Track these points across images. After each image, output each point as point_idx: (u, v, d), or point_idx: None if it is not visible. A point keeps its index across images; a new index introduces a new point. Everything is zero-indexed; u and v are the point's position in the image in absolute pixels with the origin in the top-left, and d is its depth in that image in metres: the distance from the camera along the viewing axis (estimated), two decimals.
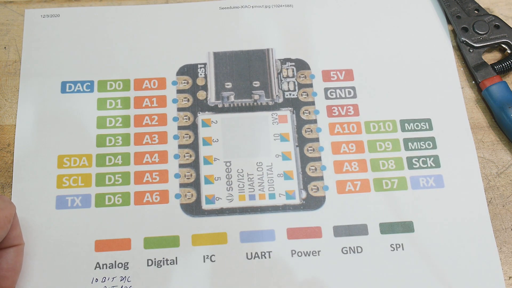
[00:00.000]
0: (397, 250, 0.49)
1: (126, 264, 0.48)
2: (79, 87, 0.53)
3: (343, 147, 0.52)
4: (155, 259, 0.48)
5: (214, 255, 0.48)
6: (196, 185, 0.50)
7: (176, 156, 0.51)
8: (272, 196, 0.50)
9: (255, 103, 0.53)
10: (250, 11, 0.57)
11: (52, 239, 0.48)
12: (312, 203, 0.50)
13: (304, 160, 0.51)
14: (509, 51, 0.56)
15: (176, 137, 0.52)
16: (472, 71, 0.55)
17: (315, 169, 0.51)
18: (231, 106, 0.53)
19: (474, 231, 0.49)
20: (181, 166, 0.51)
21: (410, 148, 0.52)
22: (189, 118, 0.53)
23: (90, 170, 0.50)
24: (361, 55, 0.55)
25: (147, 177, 0.50)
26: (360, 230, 0.49)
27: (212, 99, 0.53)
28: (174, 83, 0.54)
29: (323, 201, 0.50)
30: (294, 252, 0.48)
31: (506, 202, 0.51)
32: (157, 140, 0.52)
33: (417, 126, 0.53)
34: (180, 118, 0.53)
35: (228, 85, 0.54)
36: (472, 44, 0.55)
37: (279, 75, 0.54)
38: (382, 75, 0.55)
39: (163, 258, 0.48)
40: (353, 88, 0.54)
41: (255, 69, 0.55)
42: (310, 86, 0.54)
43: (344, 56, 0.55)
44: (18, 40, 0.55)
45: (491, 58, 0.56)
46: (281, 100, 0.54)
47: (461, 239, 0.49)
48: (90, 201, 0.49)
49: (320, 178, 0.51)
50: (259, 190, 0.50)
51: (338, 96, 0.54)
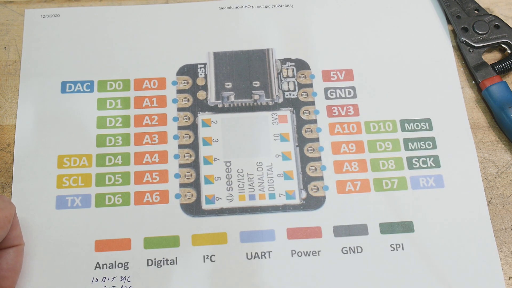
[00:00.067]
0: (397, 250, 0.49)
1: (126, 264, 0.48)
2: (79, 87, 0.53)
3: (343, 147, 0.52)
4: (155, 259, 0.48)
5: (214, 255, 0.48)
6: (196, 185, 0.50)
7: (176, 156, 0.51)
8: (272, 196, 0.50)
9: (255, 103, 0.53)
10: (250, 11, 0.57)
11: (52, 239, 0.48)
12: (312, 203, 0.50)
13: (304, 160, 0.51)
14: (509, 51, 0.56)
15: (176, 137, 0.52)
16: (472, 71, 0.55)
17: (315, 169, 0.51)
18: (231, 106, 0.53)
19: (474, 231, 0.49)
20: (181, 166, 0.51)
21: (410, 148, 0.52)
22: (189, 118, 0.53)
23: (90, 170, 0.50)
24: (361, 55, 0.55)
25: (147, 177, 0.50)
26: (360, 230, 0.49)
27: (212, 99, 0.53)
28: (174, 83, 0.54)
29: (323, 201, 0.50)
30: (294, 252, 0.48)
31: (506, 202, 0.51)
32: (157, 140, 0.52)
33: (417, 126, 0.53)
34: (180, 118, 0.53)
35: (228, 85, 0.54)
36: (472, 44, 0.55)
37: (279, 75, 0.54)
38: (382, 75, 0.55)
39: (163, 258, 0.48)
40: (353, 88, 0.54)
41: (255, 69, 0.55)
42: (310, 86, 0.54)
43: (344, 56, 0.55)
44: (18, 40, 0.55)
45: (491, 58, 0.56)
46: (281, 100, 0.54)
47: (461, 239, 0.49)
48: (90, 201, 0.49)
49: (320, 178, 0.51)
50: (259, 190, 0.50)
51: (338, 96, 0.54)
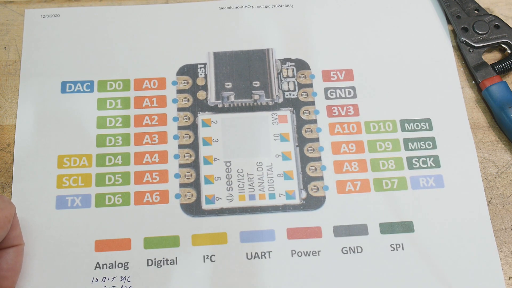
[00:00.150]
0: (397, 250, 0.49)
1: (126, 264, 0.48)
2: (79, 87, 0.53)
3: (343, 147, 0.52)
4: (155, 259, 0.48)
5: (214, 255, 0.48)
6: (196, 185, 0.50)
7: (176, 156, 0.51)
8: (272, 196, 0.50)
9: (255, 103, 0.53)
10: (250, 11, 0.57)
11: (52, 239, 0.48)
12: (312, 203, 0.50)
13: (304, 160, 0.51)
14: (509, 51, 0.56)
15: (176, 137, 0.52)
16: (472, 71, 0.55)
17: (315, 169, 0.51)
18: (231, 106, 0.53)
19: (474, 231, 0.49)
20: (181, 166, 0.51)
21: (410, 148, 0.52)
22: (189, 118, 0.53)
23: (90, 170, 0.50)
24: (361, 55, 0.55)
25: (147, 177, 0.50)
26: (360, 230, 0.49)
27: (212, 99, 0.53)
28: (174, 83, 0.54)
29: (323, 201, 0.50)
30: (294, 252, 0.48)
31: (506, 202, 0.51)
32: (157, 140, 0.52)
33: (417, 126, 0.53)
34: (180, 118, 0.53)
35: (228, 85, 0.54)
36: (472, 44, 0.55)
37: (279, 75, 0.54)
38: (382, 75, 0.55)
39: (163, 258, 0.48)
40: (353, 88, 0.54)
41: (255, 69, 0.55)
42: (310, 86, 0.54)
43: (344, 56, 0.55)
44: (18, 40, 0.55)
45: (491, 58, 0.56)
46: (281, 100, 0.54)
47: (461, 239, 0.49)
48: (90, 201, 0.49)
49: (320, 178, 0.51)
50: (259, 190, 0.50)
51: (338, 96, 0.54)
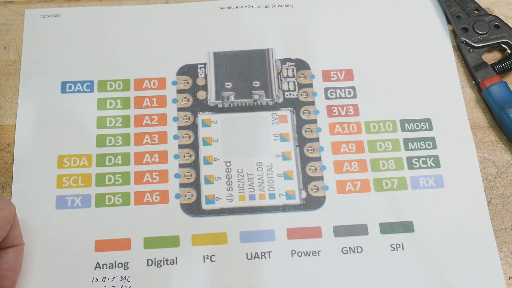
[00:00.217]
0: (397, 250, 0.49)
1: (126, 264, 0.48)
2: (79, 87, 0.53)
3: (343, 147, 0.52)
4: (155, 259, 0.48)
5: (214, 255, 0.48)
6: (196, 185, 0.50)
7: (176, 156, 0.51)
8: (272, 196, 0.50)
9: (255, 103, 0.53)
10: (250, 11, 0.57)
11: (52, 239, 0.48)
12: (312, 203, 0.50)
13: (304, 160, 0.51)
14: (509, 51, 0.56)
15: (176, 137, 0.52)
16: (472, 71, 0.55)
17: (315, 169, 0.51)
18: (231, 106, 0.53)
19: (474, 231, 0.49)
20: (181, 166, 0.51)
21: (410, 148, 0.52)
22: (189, 118, 0.53)
23: (90, 170, 0.50)
24: (361, 55, 0.55)
25: (147, 177, 0.50)
26: (360, 230, 0.49)
27: (212, 99, 0.53)
28: (174, 83, 0.54)
29: (323, 201, 0.50)
30: (294, 252, 0.48)
31: (506, 202, 0.51)
32: (157, 140, 0.52)
33: (417, 126, 0.53)
34: (180, 118, 0.53)
35: (228, 85, 0.54)
36: (472, 44, 0.55)
37: (279, 75, 0.54)
38: (382, 75, 0.55)
39: (163, 258, 0.48)
40: (353, 88, 0.54)
41: (255, 69, 0.55)
42: (310, 86, 0.54)
43: (344, 56, 0.55)
44: (18, 40, 0.55)
45: (491, 58, 0.56)
46: (281, 100, 0.54)
47: (461, 239, 0.49)
48: (90, 201, 0.49)
49: (320, 178, 0.51)
50: (259, 190, 0.50)
51: (338, 96, 0.54)
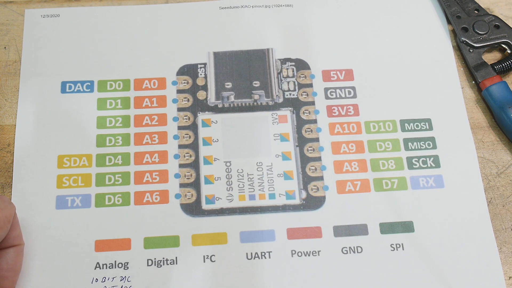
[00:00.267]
0: (397, 250, 0.49)
1: (126, 264, 0.48)
2: (79, 87, 0.53)
3: (343, 147, 0.52)
4: (155, 259, 0.48)
5: (214, 255, 0.48)
6: (196, 185, 0.50)
7: (176, 156, 0.51)
8: (272, 196, 0.50)
9: (255, 103, 0.53)
10: (250, 11, 0.57)
11: (52, 239, 0.48)
12: (312, 203, 0.50)
13: (304, 160, 0.51)
14: (509, 51, 0.56)
15: (176, 137, 0.52)
16: (472, 71, 0.55)
17: (315, 169, 0.51)
18: (231, 106, 0.53)
19: (474, 231, 0.49)
20: (181, 166, 0.51)
21: (410, 148, 0.52)
22: (189, 118, 0.53)
23: (90, 170, 0.50)
24: (361, 55, 0.55)
25: (147, 177, 0.50)
26: (360, 230, 0.49)
27: (212, 99, 0.53)
28: (174, 83, 0.54)
29: (323, 201, 0.50)
30: (294, 252, 0.48)
31: (506, 202, 0.51)
32: (157, 140, 0.52)
33: (417, 126, 0.53)
34: (180, 118, 0.53)
35: (228, 85, 0.54)
36: (472, 44, 0.55)
37: (279, 75, 0.54)
38: (382, 75, 0.55)
39: (163, 258, 0.48)
40: (353, 88, 0.54)
41: (255, 69, 0.55)
42: (310, 86, 0.54)
43: (344, 56, 0.55)
44: (18, 40, 0.55)
45: (491, 58, 0.56)
46: (281, 100, 0.54)
47: (461, 239, 0.49)
48: (90, 201, 0.49)
49: (320, 178, 0.51)
50: (259, 190, 0.50)
51: (338, 96, 0.54)
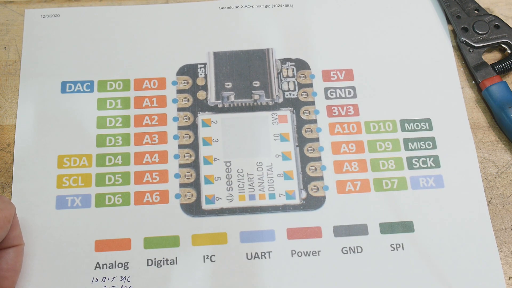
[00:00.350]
0: (397, 250, 0.49)
1: (126, 264, 0.48)
2: (79, 87, 0.53)
3: (343, 147, 0.52)
4: (155, 259, 0.48)
5: (214, 255, 0.48)
6: (196, 185, 0.50)
7: (176, 156, 0.51)
8: (272, 196, 0.50)
9: (255, 103, 0.53)
10: (250, 11, 0.57)
11: (52, 239, 0.48)
12: (312, 203, 0.50)
13: (304, 160, 0.51)
14: (509, 51, 0.56)
15: (176, 137, 0.52)
16: (472, 71, 0.55)
17: (315, 169, 0.51)
18: (231, 106, 0.53)
19: (474, 231, 0.49)
20: (181, 166, 0.51)
21: (410, 148, 0.52)
22: (189, 118, 0.53)
23: (90, 170, 0.50)
24: (361, 55, 0.55)
25: (147, 177, 0.50)
26: (360, 230, 0.49)
27: (212, 99, 0.53)
28: (174, 83, 0.54)
29: (323, 201, 0.50)
30: (294, 252, 0.48)
31: (506, 202, 0.51)
32: (157, 140, 0.52)
33: (417, 126, 0.53)
34: (180, 118, 0.53)
35: (228, 85, 0.54)
36: (472, 44, 0.55)
37: (279, 75, 0.54)
38: (382, 75, 0.55)
39: (163, 258, 0.48)
40: (353, 88, 0.54)
41: (255, 69, 0.55)
42: (310, 86, 0.54)
43: (344, 56, 0.55)
44: (18, 40, 0.55)
45: (491, 58, 0.56)
46: (281, 100, 0.54)
47: (461, 239, 0.49)
48: (90, 201, 0.49)
49: (320, 178, 0.51)
50: (259, 190, 0.50)
51: (338, 96, 0.54)
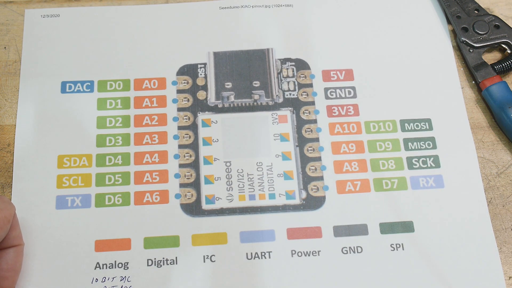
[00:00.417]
0: (397, 250, 0.49)
1: (126, 264, 0.48)
2: (79, 87, 0.53)
3: (343, 147, 0.52)
4: (155, 259, 0.48)
5: (214, 255, 0.48)
6: (196, 185, 0.50)
7: (176, 156, 0.51)
8: (272, 196, 0.50)
9: (255, 103, 0.53)
10: (250, 11, 0.57)
11: (52, 239, 0.48)
12: (312, 203, 0.50)
13: (304, 160, 0.51)
14: (509, 51, 0.56)
15: (176, 137, 0.52)
16: (472, 71, 0.55)
17: (315, 169, 0.51)
18: (231, 106, 0.53)
19: (474, 231, 0.49)
20: (181, 166, 0.51)
21: (410, 148, 0.52)
22: (189, 118, 0.53)
23: (90, 170, 0.50)
24: (361, 55, 0.55)
25: (147, 177, 0.50)
26: (360, 230, 0.49)
27: (212, 99, 0.53)
28: (174, 83, 0.54)
29: (323, 201, 0.50)
30: (294, 252, 0.48)
31: (506, 202, 0.51)
32: (157, 140, 0.52)
33: (417, 126, 0.53)
34: (180, 118, 0.53)
35: (228, 85, 0.54)
36: (472, 44, 0.55)
37: (279, 75, 0.54)
38: (382, 75, 0.55)
39: (163, 258, 0.48)
40: (353, 88, 0.54)
41: (255, 69, 0.55)
42: (310, 86, 0.54)
43: (344, 56, 0.55)
44: (18, 40, 0.55)
45: (491, 58, 0.56)
46: (281, 100, 0.54)
47: (461, 239, 0.49)
48: (90, 201, 0.49)
49: (320, 178, 0.51)
50: (259, 190, 0.50)
51: (338, 96, 0.54)
